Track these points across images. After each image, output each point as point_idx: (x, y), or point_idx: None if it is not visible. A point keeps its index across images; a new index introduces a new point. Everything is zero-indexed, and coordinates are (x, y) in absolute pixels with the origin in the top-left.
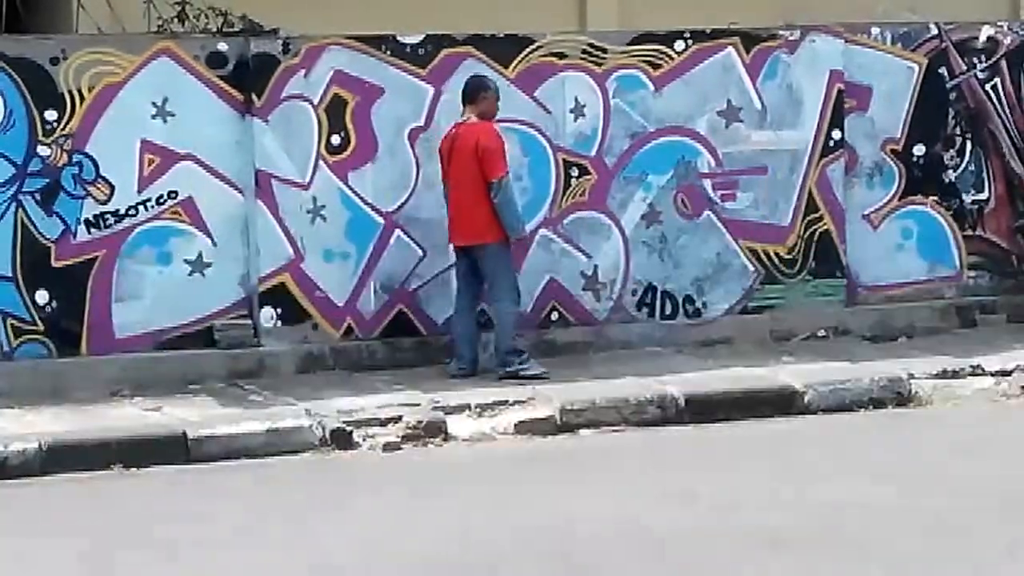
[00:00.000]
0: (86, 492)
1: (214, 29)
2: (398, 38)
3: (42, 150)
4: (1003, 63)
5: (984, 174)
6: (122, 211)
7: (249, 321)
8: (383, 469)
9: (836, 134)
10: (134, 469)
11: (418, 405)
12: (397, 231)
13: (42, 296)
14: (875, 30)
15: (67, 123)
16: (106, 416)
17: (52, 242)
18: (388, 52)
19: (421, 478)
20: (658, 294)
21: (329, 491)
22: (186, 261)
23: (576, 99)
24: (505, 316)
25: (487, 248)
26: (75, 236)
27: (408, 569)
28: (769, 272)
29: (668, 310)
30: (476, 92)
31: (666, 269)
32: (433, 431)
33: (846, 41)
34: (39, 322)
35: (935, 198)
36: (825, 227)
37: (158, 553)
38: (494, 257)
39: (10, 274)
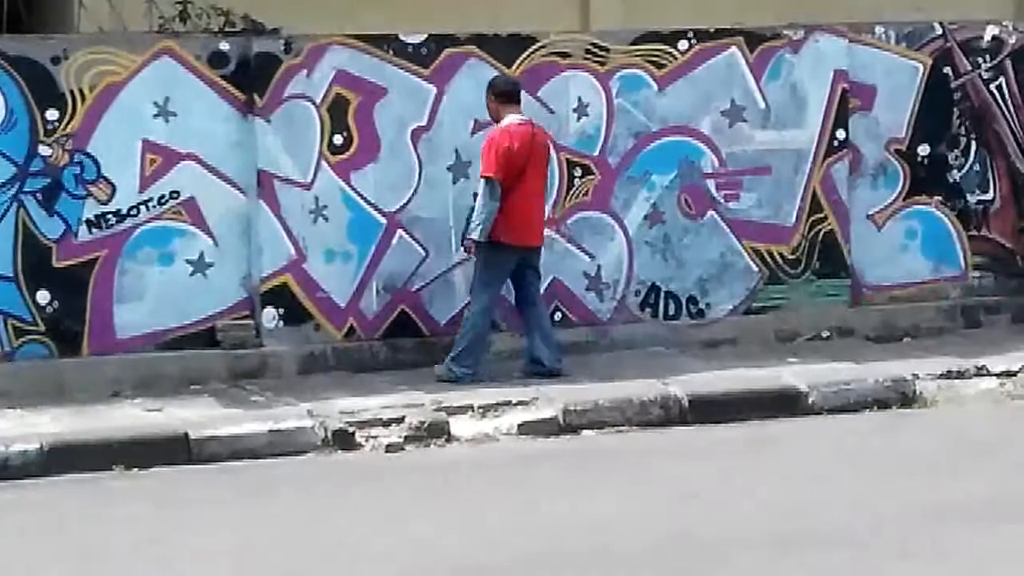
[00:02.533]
0: (87, 493)
1: (216, 29)
2: (400, 38)
3: (43, 150)
4: (1008, 63)
5: (989, 174)
6: (123, 211)
7: (251, 321)
8: (386, 470)
9: (840, 134)
10: (136, 470)
11: (421, 406)
12: (399, 231)
13: (43, 296)
14: (879, 30)
15: (68, 123)
16: (107, 417)
17: (53, 242)
18: (390, 52)
19: (424, 479)
20: (661, 294)
21: (331, 492)
22: (188, 261)
23: (579, 99)
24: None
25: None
26: (76, 236)
27: (412, 571)
28: (773, 272)
29: (672, 310)
30: (519, 92)
31: (669, 269)
32: (436, 432)
33: (850, 41)
34: (40, 322)
35: (940, 198)
36: (829, 227)
37: (159, 554)
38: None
39: (11, 274)
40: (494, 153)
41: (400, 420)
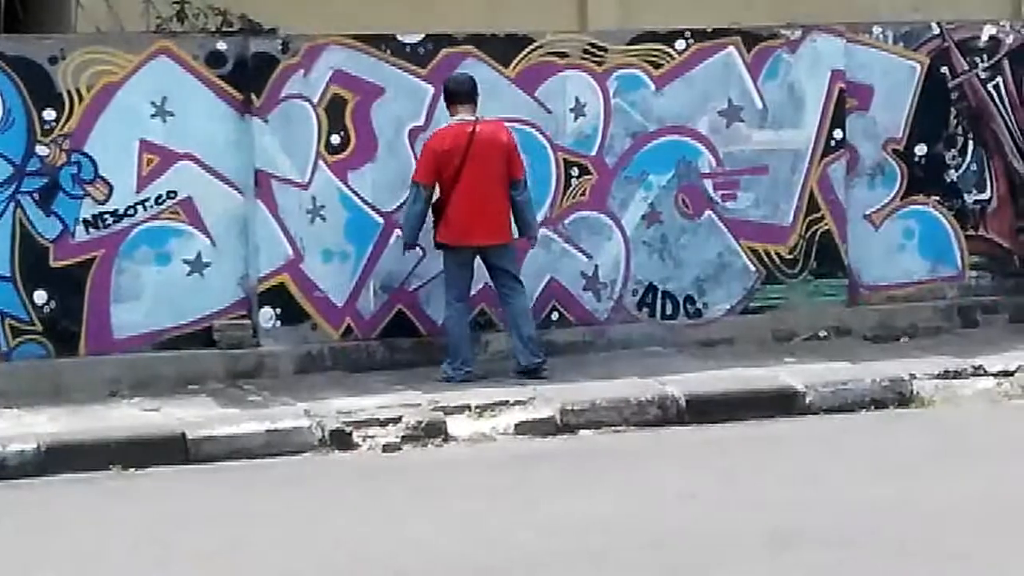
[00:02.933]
0: (84, 493)
1: (213, 28)
2: (398, 37)
3: (40, 150)
4: (1005, 62)
5: (986, 174)
6: (121, 211)
7: (248, 321)
8: (383, 470)
9: (837, 134)
10: (133, 470)
11: (418, 405)
12: (397, 231)
13: (40, 296)
14: (876, 29)
15: (66, 122)
16: (105, 416)
17: (50, 242)
18: (388, 51)
19: (421, 479)
20: (659, 294)
21: (328, 492)
22: (185, 261)
23: (576, 99)
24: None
25: (510, 245)
26: (74, 236)
27: (410, 570)
28: (770, 272)
29: (669, 310)
30: (476, 91)
31: (667, 269)
32: (433, 432)
33: (847, 40)
34: (37, 322)
35: (937, 198)
36: (826, 227)
37: (156, 554)
38: (514, 253)
39: (8, 274)
40: (420, 157)
41: (397, 420)
